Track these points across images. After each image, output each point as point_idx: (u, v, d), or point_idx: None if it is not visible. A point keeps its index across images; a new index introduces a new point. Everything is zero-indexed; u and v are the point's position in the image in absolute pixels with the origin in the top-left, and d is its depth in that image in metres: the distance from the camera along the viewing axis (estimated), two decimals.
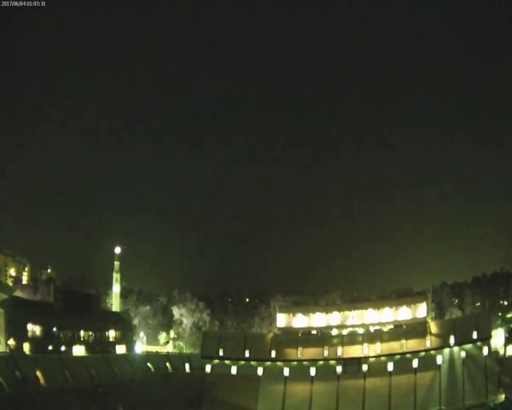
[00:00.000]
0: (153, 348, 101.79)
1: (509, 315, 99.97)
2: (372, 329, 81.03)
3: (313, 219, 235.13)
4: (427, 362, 72.17)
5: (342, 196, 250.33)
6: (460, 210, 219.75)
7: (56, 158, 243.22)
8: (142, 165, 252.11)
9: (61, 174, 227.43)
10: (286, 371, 77.84)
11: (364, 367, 75.14)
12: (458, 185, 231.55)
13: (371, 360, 75.80)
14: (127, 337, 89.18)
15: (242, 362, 79.78)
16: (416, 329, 76.25)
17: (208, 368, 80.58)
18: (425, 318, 77.03)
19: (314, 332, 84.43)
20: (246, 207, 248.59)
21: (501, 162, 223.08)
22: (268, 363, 79.62)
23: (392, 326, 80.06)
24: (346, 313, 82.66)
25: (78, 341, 79.85)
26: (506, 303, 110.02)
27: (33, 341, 73.03)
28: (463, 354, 70.84)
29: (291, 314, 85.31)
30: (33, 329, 74.45)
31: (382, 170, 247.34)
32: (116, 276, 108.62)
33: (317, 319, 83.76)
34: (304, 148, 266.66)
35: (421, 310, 77.86)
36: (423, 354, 73.36)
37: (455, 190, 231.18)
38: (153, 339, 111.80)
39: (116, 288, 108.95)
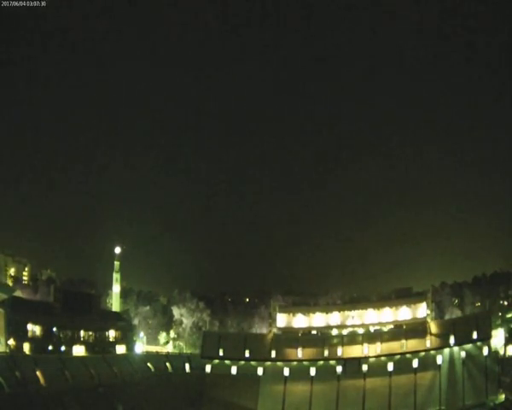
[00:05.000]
0: (153, 348, 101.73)
1: (509, 315, 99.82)
2: (372, 329, 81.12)
3: (313, 220, 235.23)
4: (427, 362, 72.25)
5: (343, 197, 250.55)
6: (460, 210, 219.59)
7: (56, 158, 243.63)
8: (142, 165, 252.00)
9: (60, 174, 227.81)
10: (286, 371, 77.89)
11: (364, 367, 75.19)
12: (458, 185, 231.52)
13: (371, 360, 75.83)
14: (127, 337, 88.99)
15: (242, 362, 79.88)
16: (416, 329, 76.33)
17: (208, 368, 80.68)
18: (425, 318, 77.14)
19: (314, 332, 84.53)
20: (246, 207, 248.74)
21: (501, 162, 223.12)
22: (268, 363, 79.69)
23: (392, 326, 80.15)
24: (346, 313, 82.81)
25: (78, 341, 79.68)
26: (506, 303, 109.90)
27: (33, 341, 72.98)
28: (463, 354, 70.91)
29: (291, 314, 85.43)
30: (33, 329, 74.38)
31: (383, 172, 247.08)
32: (116, 276, 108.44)
33: (317, 319, 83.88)
34: (306, 151, 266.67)
35: (421, 310, 78.00)
36: (423, 354, 73.45)
37: (455, 190, 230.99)
38: (153, 339, 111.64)
39: (116, 288, 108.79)
